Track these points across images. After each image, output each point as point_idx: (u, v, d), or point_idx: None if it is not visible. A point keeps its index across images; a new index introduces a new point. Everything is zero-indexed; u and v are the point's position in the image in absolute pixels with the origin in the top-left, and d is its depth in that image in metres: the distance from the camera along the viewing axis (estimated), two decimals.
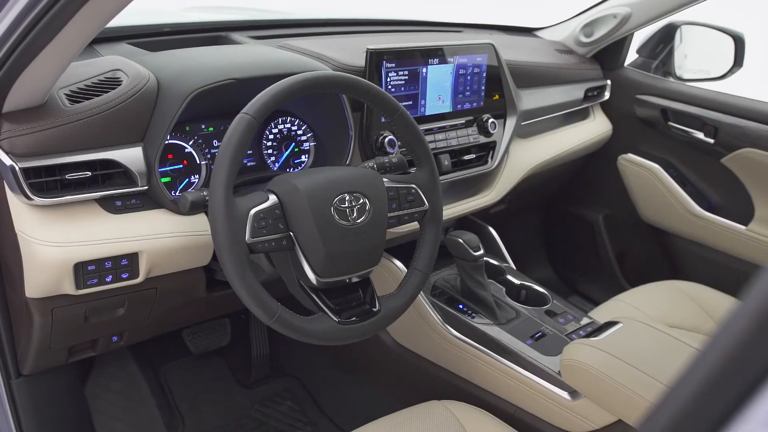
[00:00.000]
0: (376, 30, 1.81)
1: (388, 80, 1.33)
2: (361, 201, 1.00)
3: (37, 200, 0.93)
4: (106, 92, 1.00)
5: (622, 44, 2.01)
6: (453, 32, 1.93)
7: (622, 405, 1.12)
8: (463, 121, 1.50)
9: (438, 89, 1.43)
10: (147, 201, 1.06)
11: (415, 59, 1.38)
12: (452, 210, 1.52)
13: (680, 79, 1.97)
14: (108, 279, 1.01)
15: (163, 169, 1.14)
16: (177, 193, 1.16)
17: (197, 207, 0.96)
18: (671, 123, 1.90)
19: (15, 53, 0.83)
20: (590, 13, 1.96)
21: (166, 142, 1.06)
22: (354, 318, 1.01)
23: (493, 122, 1.52)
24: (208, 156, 1.20)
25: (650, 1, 1.80)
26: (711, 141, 1.81)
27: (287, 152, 1.33)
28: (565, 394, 1.21)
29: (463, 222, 1.72)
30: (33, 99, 0.93)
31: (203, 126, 1.20)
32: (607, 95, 2.03)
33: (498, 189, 1.62)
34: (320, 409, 1.73)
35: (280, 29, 1.61)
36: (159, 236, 1.04)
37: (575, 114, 1.98)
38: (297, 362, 1.83)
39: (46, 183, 0.94)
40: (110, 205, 1.02)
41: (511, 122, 1.60)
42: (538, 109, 1.77)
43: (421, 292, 1.39)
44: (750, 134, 1.72)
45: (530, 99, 1.73)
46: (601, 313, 1.46)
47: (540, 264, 2.35)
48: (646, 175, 1.97)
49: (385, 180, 1.07)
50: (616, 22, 1.88)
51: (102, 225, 1.00)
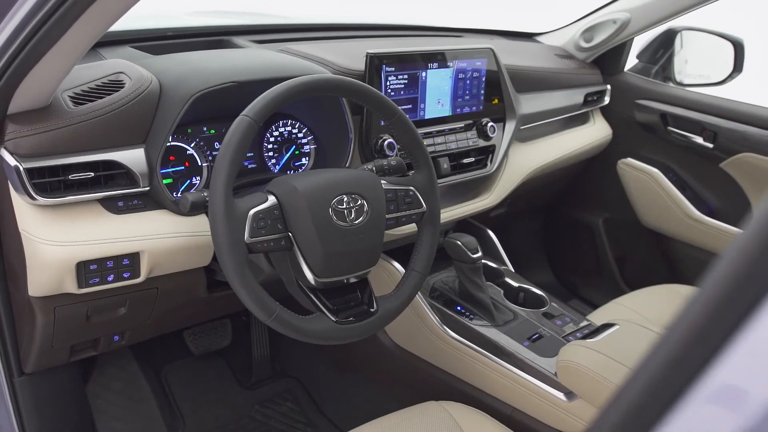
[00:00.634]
0: (377, 35, 1.82)
1: (388, 84, 1.35)
2: (359, 202, 1.01)
3: (41, 200, 0.95)
4: (109, 94, 1.01)
5: (622, 49, 2.02)
6: (453, 37, 1.95)
7: None
8: (463, 125, 1.51)
9: (437, 93, 1.44)
10: (149, 202, 1.07)
11: (415, 63, 1.39)
12: (451, 213, 1.53)
13: (680, 84, 1.98)
14: (109, 278, 1.03)
15: (165, 171, 1.16)
16: (178, 195, 1.17)
17: (197, 207, 0.97)
18: (671, 128, 1.91)
19: (20, 56, 0.84)
20: (590, 19, 1.97)
21: (169, 144, 1.08)
22: (351, 318, 1.02)
23: (493, 126, 1.53)
24: (210, 158, 1.21)
25: (649, 7, 1.81)
26: (710, 146, 1.82)
27: (288, 155, 1.34)
28: (561, 395, 1.22)
29: (463, 225, 1.73)
30: (38, 101, 0.95)
31: (205, 128, 1.21)
32: (607, 100, 2.04)
33: (497, 192, 1.63)
34: (320, 410, 1.74)
35: (282, 34, 1.63)
36: (160, 236, 1.05)
37: (575, 118, 1.99)
38: (297, 363, 1.84)
39: (50, 183, 0.96)
40: (112, 206, 1.04)
41: (511, 126, 1.61)
42: (538, 114, 1.78)
43: (420, 294, 1.41)
44: (749, 139, 1.73)
45: (530, 103, 1.74)
46: (599, 316, 1.46)
47: (540, 267, 2.35)
48: (646, 180, 1.97)
49: (384, 182, 1.08)
50: (616, 28, 1.89)
51: (104, 225, 1.01)
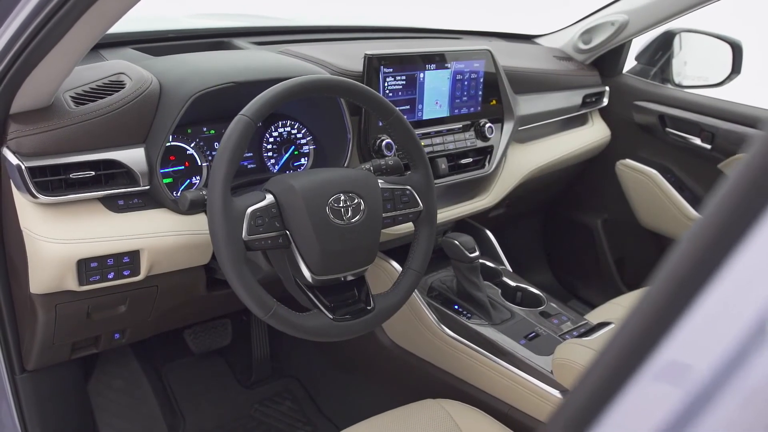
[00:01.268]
0: (376, 36, 1.83)
1: (386, 85, 1.36)
2: (356, 201, 1.02)
3: (42, 198, 0.96)
4: (110, 95, 1.03)
5: (621, 51, 2.03)
6: (452, 39, 1.96)
7: None
8: (461, 126, 1.52)
9: (435, 94, 1.46)
10: (149, 200, 1.09)
11: (413, 64, 1.40)
12: (449, 213, 1.54)
13: (678, 86, 1.99)
14: (110, 276, 1.04)
15: (165, 171, 1.17)
16: (178, 194, 1.18)
17: (196, 206, 0.99)
18: (669, 129, 1.92)
19: (22, 57, 0.86)
20: (588, 21, 1.98)
21: (168, 144, 1.09)
22: (348, 315, 1.03)
23: (490, 127, 1.54)
24: (209, 158, 1.23)
25: (647, 9, 1.82)
26: (708, 147, 1.82)
27: (287, 155, 1.35)
28: (557, 393, 1.23)
29: (461, 225, 1.74)
30: (39, 101, 0.96)
31: (204, 129, 1.23)
32: (606, 101, 2.05)
33: (495, 193, 1.64)
34: (319, 409, 1.75)
35: (282, 35, 1.64)
36: (160, 235, 1.07)
37: (574, 120, 2.00)
38: (297, 363, 1.85)
39: (51, 182, 0.98)
40: (113, 204, 1.05)
41: (509, 127, 1.62)
42: (536, 115, 1.79)
43: (418, 293, 1.42)
44: (747, 140, 1.74)
45: (528, 104, 1.75)
46: (597, 316, 1.47)
47: (539, 268, 2.36)
48: (645, 181, 1.98)
49: (381, 181, 1.09)
50: (614, 29, 1.90)
51: (105, 223, 1.03)
